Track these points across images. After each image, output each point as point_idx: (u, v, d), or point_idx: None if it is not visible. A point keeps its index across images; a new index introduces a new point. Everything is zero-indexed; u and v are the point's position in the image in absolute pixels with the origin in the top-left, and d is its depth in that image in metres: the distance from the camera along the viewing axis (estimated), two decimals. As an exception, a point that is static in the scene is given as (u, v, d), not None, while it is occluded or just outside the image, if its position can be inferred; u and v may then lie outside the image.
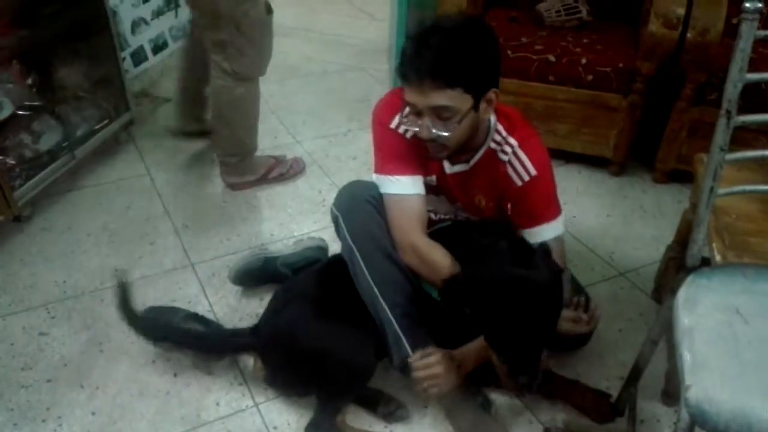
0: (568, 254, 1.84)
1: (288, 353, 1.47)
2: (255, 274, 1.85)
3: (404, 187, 1.47)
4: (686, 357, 0.98)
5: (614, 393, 1.56)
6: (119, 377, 1.61)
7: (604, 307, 1.76)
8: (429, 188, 1.56)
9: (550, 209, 1.48)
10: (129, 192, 2.30)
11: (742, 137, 1.29)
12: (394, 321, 1.44)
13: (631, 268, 2.01)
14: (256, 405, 1.55)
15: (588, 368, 1.66)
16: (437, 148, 1.40)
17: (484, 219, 1.58)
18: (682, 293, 1.09)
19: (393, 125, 1.47)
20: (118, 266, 1.95)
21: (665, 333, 1.35)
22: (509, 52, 2.29)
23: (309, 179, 2.38)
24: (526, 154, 1.44)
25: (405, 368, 1.44)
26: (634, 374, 1.45)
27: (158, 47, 3.16)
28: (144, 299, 1.82)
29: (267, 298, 1.83)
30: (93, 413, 1.53)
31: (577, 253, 2.05)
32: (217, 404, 1.55)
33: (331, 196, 1.88)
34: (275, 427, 1.50)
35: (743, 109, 1.12)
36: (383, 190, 1.49)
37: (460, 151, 1.45)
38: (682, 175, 2.36)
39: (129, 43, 2.92)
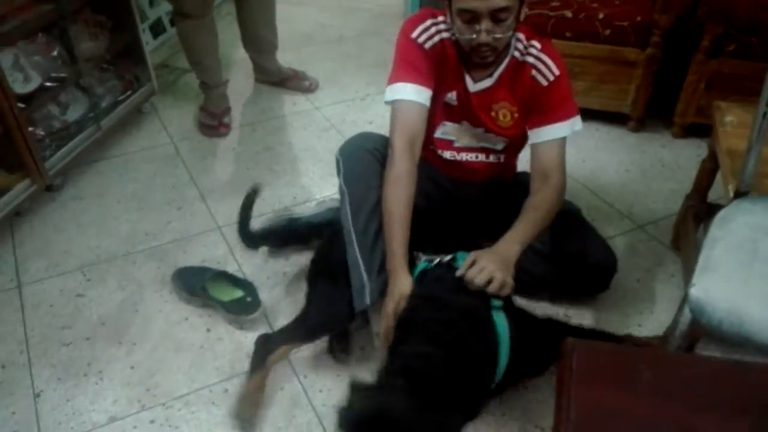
0: (587, 210, 1.88)
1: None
2: (280, 235, 1.90)
3: (407, 94, 1.49)
4: (701, 260, 1.03)
5: (633, 339, 1.60)
6: (155, 334, 1.69)
7: (622, 259, 1.79)
8: (450, 113, 1.59)
9: (566, 107, 1.53)
10: (154, 160, 2.36)
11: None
12: (362, 268, 1.49)
13: (649, 221, 2.03)
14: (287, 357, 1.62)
15: (608, 316, 1.70)
16: (488, 52, 1.44)
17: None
18: (722, 213, 1.14)
19: (414, 35, 1.51)
20: (148, 231, 2.02)
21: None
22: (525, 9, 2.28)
23: (328, 143, 2.42)
24: (549, 56, 1.49)
25: (365, 314, 1.50)
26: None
27: (175, 19, 3.19)
28: (176, 261, 1.89)
29: (293, 257, 1.90)
30: (132, 367, 1.60)
31: (596, 208, 2.07)
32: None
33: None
34: (305, 376, 1.56)
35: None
36: (390, 98, 1.52)
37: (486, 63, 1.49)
38: (700, 129, 2.35)
39: (147, 15, 2.95)
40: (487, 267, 1.33)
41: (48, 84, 2.11)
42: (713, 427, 0.51)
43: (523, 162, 1.82)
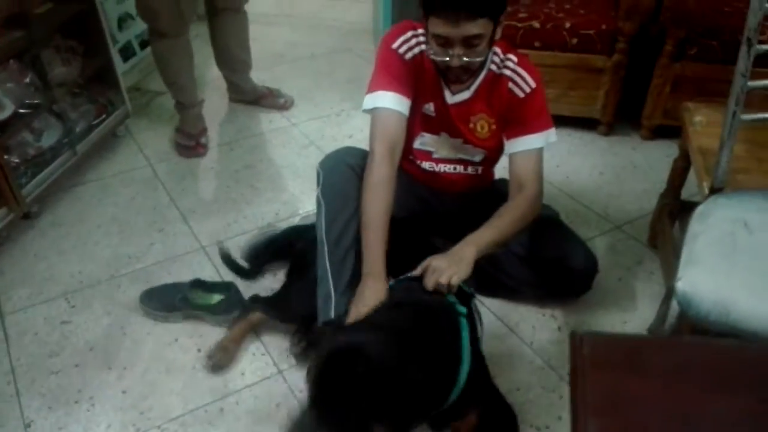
0: (564, 213, 1.93)
1: None
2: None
3: (387, 102, 1.52)
4: (684, 255, 1.07)
5: (619, 335, 1.65)
6: (145, 356, 1.68)
7: (603, 259, 1.85)
8: (429, 124, 1.62)
9: (541, 119, 1.57)
10: (132, 183, 2.35)
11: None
12: (330, 281, 1.51)
13: (625, 221, 2.09)
14: (280, 372, 1.62)
15: (592, 314, 1.75)
16: (462, 72, 1.48)
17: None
18: (700, 208, 1.19)
19: (395, 45, 1.54)
20: (131, 254, 2.00)
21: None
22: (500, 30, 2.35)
23: (308, 159, 2.43)
24: (525, 69, 1.54)
25: (329, 326, 1.48)
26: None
27: (145, 42, 3.18)
28: (162, 282, 1.87)
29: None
30: (123, 392, 1.59)
31: (574, 210, 2.13)
32: (243, 374, 1.62)
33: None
34: (300, 391, 1.57)
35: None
36: (370, 105, 1.54)
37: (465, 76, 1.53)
38: (668, 131, 2.43)
39: (117, 38, 2.94)
40: (439, 266, 1.35)
41: (22, 111, 2.09)
42: (722, 404, 0.55)
43: (501, 169, 1.87)
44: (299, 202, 2.22)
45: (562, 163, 2.36)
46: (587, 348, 0.59)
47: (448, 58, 1.43)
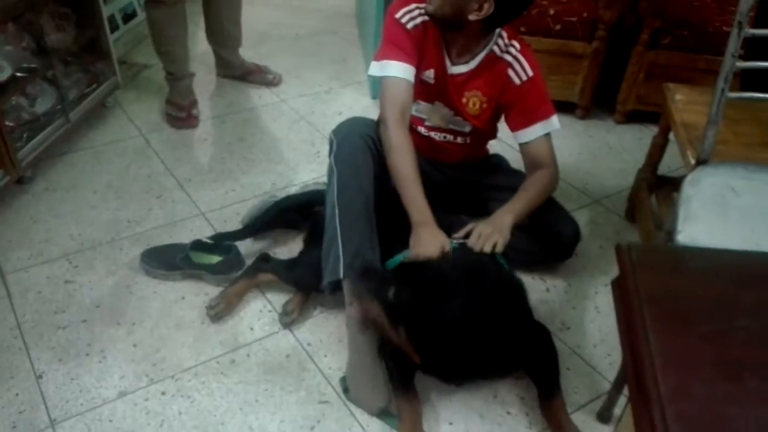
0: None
1: None
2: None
3: (395, 71, 1.61)
4: (681, 214, 1.19)
5: (602, 300, 1.79)
6: (153, 314, 1.72)
7: (585, 230, 1.98)
8: (426, 92, 1.71)
9: (543, 107, 1.68)
10: (125, 153, 2.37)
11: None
12: (340, 244, 1.58)
13: (603, 195, 2.23)
14: (288, 327, 1.69)
15: (577, 277, 1.88)
16: (439, 25, 1.59)
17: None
18: (690, 176, 1.31)
19: (398, 15, 1.64)
20: (131, 218, 2.03)
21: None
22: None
23: (300, 134, 2.49)
24: (525, 58, 1.64)
25: (333, 289, 1.60)
26: (621, 377, 1.44)
27: (128, 16, 3.17)
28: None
29: (281, 239, 1.97)
30: (134, 345, 1.63)
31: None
32: (252, 329, 1.68)
33: (324, 147, 2.04)
34: (309, 344, 1.64)
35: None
36: (378, 73, 1.64)
37: (464, 50, 1.64)
38: (640, 116, 2.60)
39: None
40: (484, 231, 1.49)
41: (18, 74, 2.09)
42: (751, 296, 0.66)
43: (495, 144, 1.98)
44: (294, 173, 2.28)
45: (543, 143, 2.49)
46: (634, 254, 0.69)
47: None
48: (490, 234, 1.49)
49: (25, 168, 2.11)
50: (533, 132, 1.68)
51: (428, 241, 1.46)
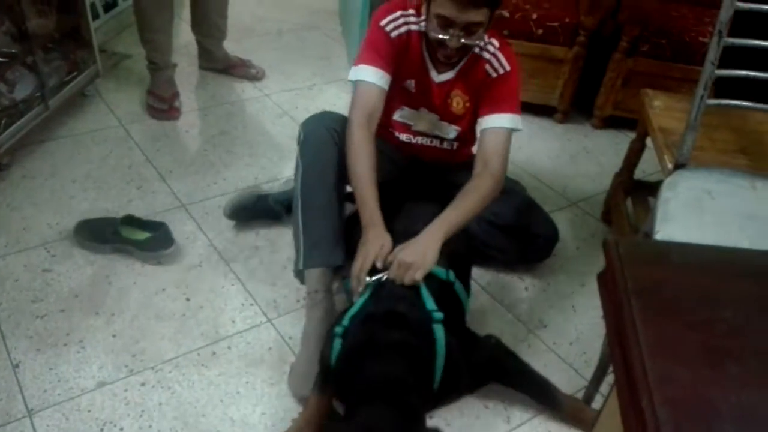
0: (529, 190, 2.08)
1: None
2: (249, 209, 1.97)
3: (368, 76, 1.63)
4: (659, 215, 1.23)
5: (579, 299, 1.83)
6: (133, 305, 1.71)
7: (562, 232, 2.01)
8: (409, 99, 1.74)
9: (510, 102, 1.68)
10: (105, 142, 2.34)
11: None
12: (302, 236, 1.62)
13: (581, 198, 2.28)
14: (269, 320, 1.70)
15: (555, 277, 1.92)
16: (455, 53, 1.59)
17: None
18: (669, 179, 1.35)
19: (383, 23, 1.65)
20: (110, 209, 2.01)
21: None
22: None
23: (283, 129, 2.50)
24: (504, 54, 1.67)
25: (301, 277, 1.65)
26: (599, 373, 1.49)
27: (109, 5, 3.14)
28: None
29: (262, 232, 1.98)
30: (114, 335, 1.62)
31: (535, 188, 2.30)
32: (233, 322, 1.68)
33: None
34: (290, 337, 1.65)
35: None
36: (353, 77, 1.65)
37: (450, 61, 1.65)
38: (617, 122, 2.66)
39: None
40: (405, 261, 1.44)
41: (-2, 59, 2.06)
42: (736, 289, 0.69)
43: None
44: (277, 168, 2.28)
45: (523, 145, 2.52)
46: (622, 248, 0.72)
47: (447, 37, 1.54)
48: (410, 264, 1.44)
49: (2, 155, 2.08)
50: (494, 121, 1.67)
51: (371, 241, 1.48)
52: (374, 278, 1.46)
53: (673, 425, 0.55)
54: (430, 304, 1.42)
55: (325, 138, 1.65)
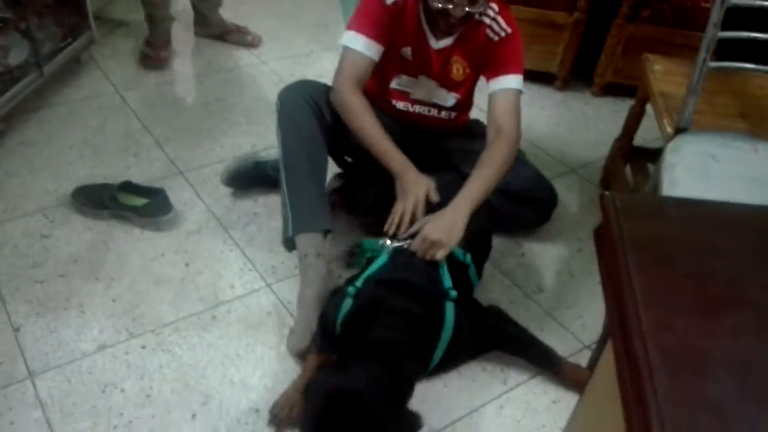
0: (528, 157, 2.08)
1: None
2: (247, 176, 1.96)
3: (357, 44, 1.61)
4: (665, 179, 1.23)
5: (576, 264, 1.83)
6: (132, 270, 1.72)
7: (561, 197, 2.02)
8: (406, 66, 1.72)
9: (515, 63, 1.68)
10: (101, 109, 2.32)
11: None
12: (288, 204, 1.63)
13: (579, 165, 2.28)
14: (268, 285, 1.70)
15: (554, 242, 1.93)
16: (458, 22, 1.58)
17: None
18: (671, 144, 1.34)
19: None
20: (107, 176, 2.01)
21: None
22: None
23: (280, 95, 2.48)
24: (504, 18, 1.66)
25: (291, 247, 1.65)
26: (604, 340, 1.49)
27: (103, -29, 3.09)
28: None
29: (260, 199, 1.98)
30: (113, 300, 1.63)
31: (533, 154, 2.28)
32: (232, 287, 1.69)
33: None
34: (289, 302, 1.66)
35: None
36: (344, 42, 1.63)
37: (449, 27, 1.63)
38: (617, 89, 2.64)
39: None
40: (431, 236, 1.46)
41: (-10, 24, 2.04)
42: (731, 242, 0.69)
43: (477, 111, 2.00)
44: (274, 135, 2.22)
45: (522, 112, 2.50)
46: (618, 202, 0.72)
47: (451, 6, 1.53)
48: (434, 242, 1.45)
49: (-2, 122, 2.07)
50: (503, 82, 1.66)
51: (412, 186, 1.50)
52: (396, 244, 1.47)
53: (666, 371, 0.56)
54: (447, 281, 1.45)
55: (302, 106, 1.64)
